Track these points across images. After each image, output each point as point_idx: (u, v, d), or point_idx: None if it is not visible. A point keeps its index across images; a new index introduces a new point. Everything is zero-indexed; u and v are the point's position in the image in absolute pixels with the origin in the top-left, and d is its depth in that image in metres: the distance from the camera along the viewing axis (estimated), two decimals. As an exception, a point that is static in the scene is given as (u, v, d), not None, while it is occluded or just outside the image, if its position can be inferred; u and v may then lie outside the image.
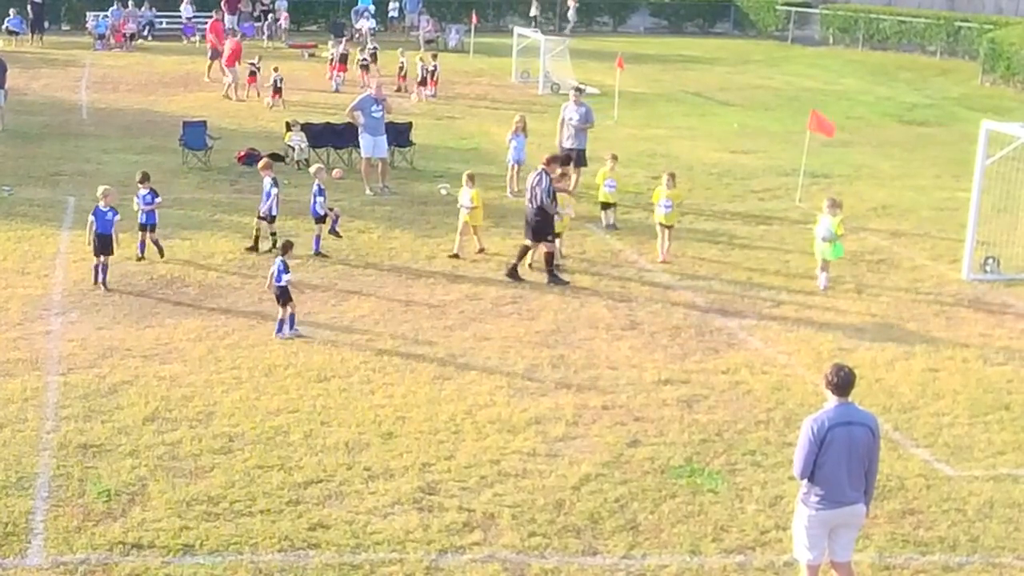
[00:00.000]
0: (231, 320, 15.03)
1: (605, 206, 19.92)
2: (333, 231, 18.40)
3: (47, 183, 22.02)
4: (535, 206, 17.10)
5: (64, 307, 15.19)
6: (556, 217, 17.21)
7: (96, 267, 16.04)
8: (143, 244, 17.36)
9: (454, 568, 9.56)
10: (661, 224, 18.34)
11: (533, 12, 53.74)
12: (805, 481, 8.67)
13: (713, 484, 11.12)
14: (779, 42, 53.48)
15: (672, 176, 18.61)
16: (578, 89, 24.26)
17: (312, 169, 18.97)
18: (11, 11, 43.42)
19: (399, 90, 34.63)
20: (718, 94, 37.10)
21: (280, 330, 14.53)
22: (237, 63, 33.32)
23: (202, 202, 20.97)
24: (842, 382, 8.53)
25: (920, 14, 49.82)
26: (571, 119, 22.02)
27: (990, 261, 18.13)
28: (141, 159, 24.42)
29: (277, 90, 31.76)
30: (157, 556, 9.54)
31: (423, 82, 33.99)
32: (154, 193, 17.47)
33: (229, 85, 32.96)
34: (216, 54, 36.12)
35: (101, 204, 16.11)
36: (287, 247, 14.91)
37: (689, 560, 9.81)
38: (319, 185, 18.14)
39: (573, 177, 20.00)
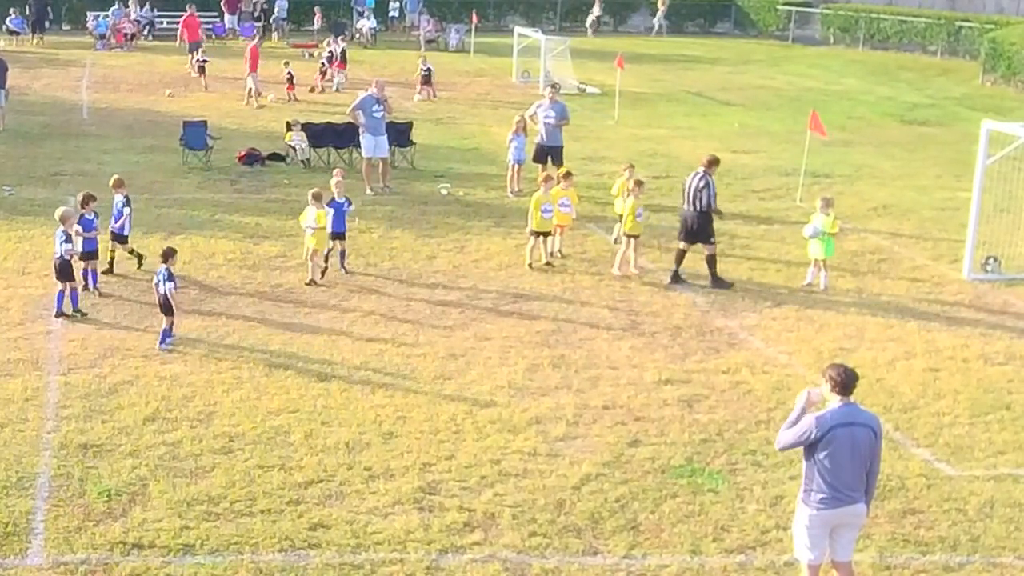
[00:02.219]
0: (231, 320, 15.03)
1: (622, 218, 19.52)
2: (342, 266, 17.16)
3: (48, 183, 22.02)
4: (698, 209, 16.80)
5: (65, 307, 15.16)
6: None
7: (68, 295, 14.79)
8: (88, 273, 15.74)
9: (455, 568, 9.56)
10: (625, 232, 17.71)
11: (597, 12, 53.76)
12: (805, 481, 8.67)
13: (714, 484, 11.12)
14: (780, 42, 53.47)
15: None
16: (552, 86, 24.29)
17: (333, 181, 17.61)
18: (12, 11, 43.45)
19: (312, 90, 34.15)
20: (719, 94, 37.09)
21: (163, 341, 13.93)
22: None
23: (203, 202, 20.97)
24: (847, 380, 8.53)
25: (921, 14, 49.80)
26: (548, 117, 22.02)
27: (991, 261, 18.12)
28: (142, 159, 24.46)
29: (291, 83, 32.80)
30: (158, 556, 9.54)
31: (426, 81, 33.96)
32: (95, 216, 15.90)
33: (250, 91, 31.76)
34: (194, 47, 37.02)
35: (79, 223, 15.12)
36: (168, 254, 14.19)
37: (690, 560, 9.81)
38: (348, 201, 17.30)
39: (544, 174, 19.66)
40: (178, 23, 44.46)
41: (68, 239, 14.80)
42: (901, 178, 25.25)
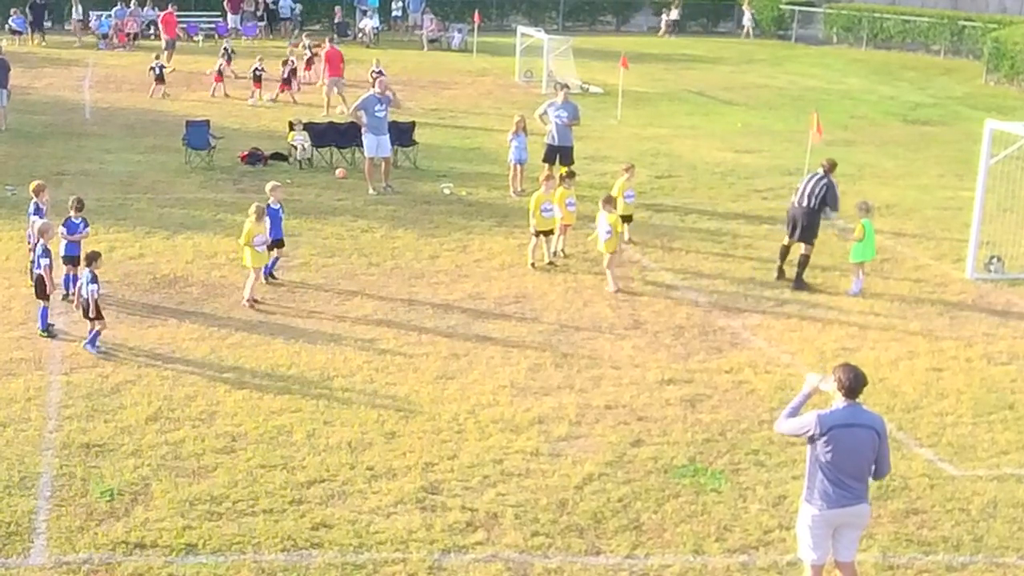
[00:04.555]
0: (234, 319, 15.03)
1: (624, 219, 18.99)
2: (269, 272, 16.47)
3: (50, 183, 21.72)
4: (811, 206, 16.91)
5: (67, 307, 15.15)
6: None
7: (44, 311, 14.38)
8: (70, 279, 15.17)
9: (457, 568, 9.55)
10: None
11: (674, 15, 53.88)
12: (808, 480, 8.66)
13: (716, 484, 11.11)
14: (783, 41, 53.45)
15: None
16: (565, 86, 24.29)
17: (268, 186, 17.06)
18: (13, 11, 43.48)
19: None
20: (721, 93, 37.08)
21: (93, 343, 13.65)
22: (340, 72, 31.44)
23: (205, 201, 20.98)
24: (855, 384, 8.50)
25: (924, 13, 49.79)
26: (560, 116, 21.99)
27: (994, 260, 18.10)
28: (144, 159, 24.48)
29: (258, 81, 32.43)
30: (160, 556, 9.54)
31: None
32: (85, 222, 15.54)
33: (334, 94, 30.88)
34: (170, 44, 37.73)
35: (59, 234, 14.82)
36: (92, 257, 13.77)
37: (692, 560, 9.80)
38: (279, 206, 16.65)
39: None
40: (184, 23, 44.62)
41: (46, 254, 14.32)
42: (904, 177, 25.23)
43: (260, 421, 12.07)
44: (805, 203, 17.00)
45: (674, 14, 54.54)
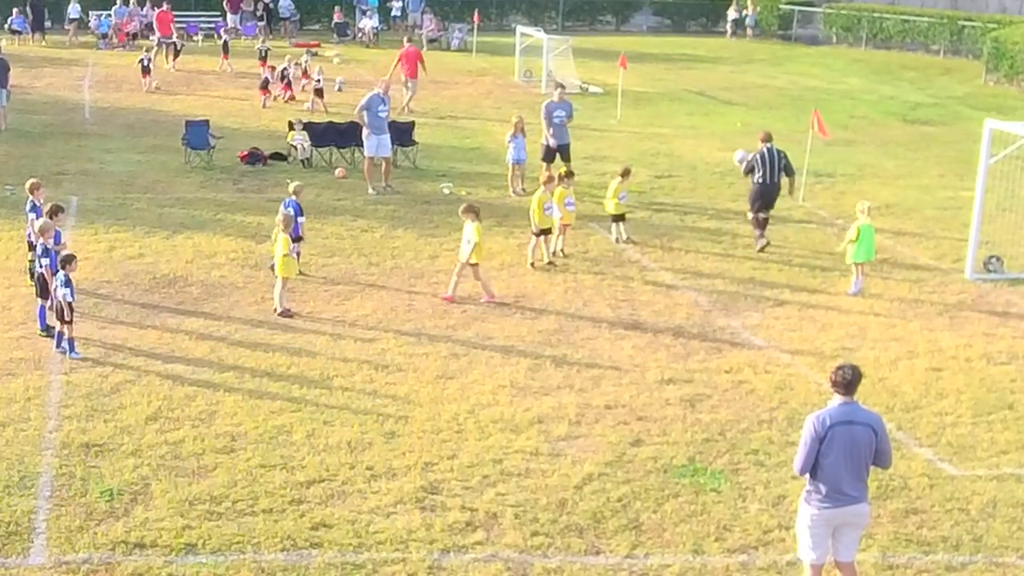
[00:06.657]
0: (233, 319, 15.04)
1: (617, 218, 19.24)
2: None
3: (50, 183, 21.88)
4: (779, 180, 18.95)
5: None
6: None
7: (43, 310, 14.27)
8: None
9: (457, 567, 9.55)
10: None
11: (732, 15, 53.76)
12: (808, 480, 8.66)
13: (716, 483, 11.12)
14: (782, 41, 53.43)
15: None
16: (561, 86, 24.39)
17: (292, 186, 17.20)
18: (14, 10, 43.50)
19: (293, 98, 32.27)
20: (721, 93, 37.06)
21: (71, 348, 13.56)
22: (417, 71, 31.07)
23: (205, 201, 20.98)
24: (847, 380, 8.51)
25: (924, 13, 49.77)
26: (558, 116, 22.08)
27: (993, 260, 18.10)
28: (144, 158, 24.47)
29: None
30: (159, 555, 9.55)
31: (320, 93, 31.26)
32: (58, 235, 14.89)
33: (410, 97, 30.93)
34: (162, 42, 38.13)
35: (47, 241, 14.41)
36: (67, 260, 13.63)
37: (692, 560, 9.80)
38: (297, 203, 16.72)
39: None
40: (184, 23, 44.57)
41: (45, 253, 14.20)
42: (904, 177, 25.23)
43: (260, 421, 12.08)
44: (778, 178, 18.79)
45: (732, 13, 54.16)
